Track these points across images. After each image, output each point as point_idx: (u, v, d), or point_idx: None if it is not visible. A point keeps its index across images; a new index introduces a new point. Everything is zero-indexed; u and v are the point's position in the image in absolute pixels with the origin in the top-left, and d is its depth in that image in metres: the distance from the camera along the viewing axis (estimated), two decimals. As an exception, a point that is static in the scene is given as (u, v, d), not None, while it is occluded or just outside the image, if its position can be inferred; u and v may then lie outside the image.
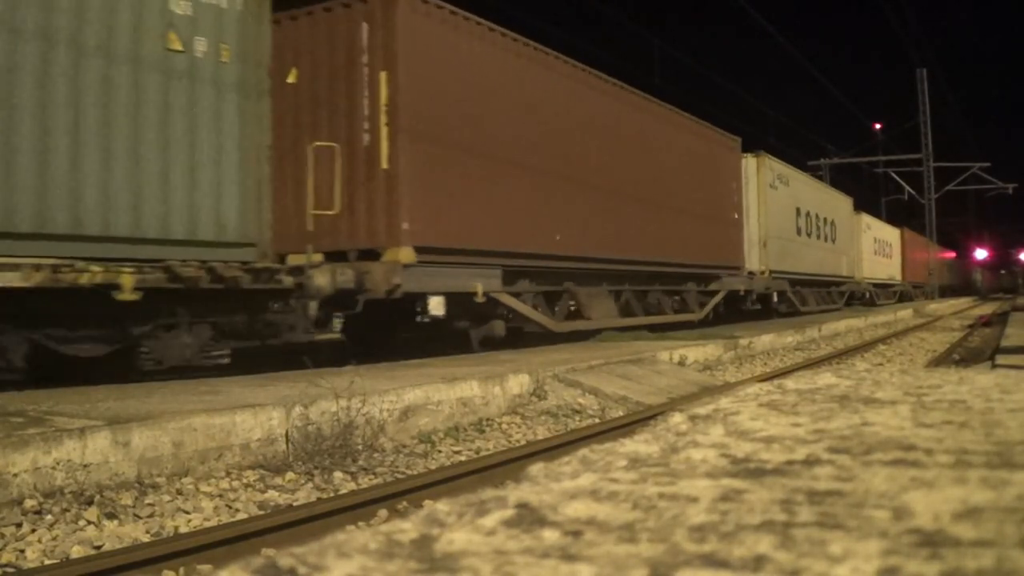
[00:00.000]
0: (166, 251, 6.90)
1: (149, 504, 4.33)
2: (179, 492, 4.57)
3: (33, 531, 3.84)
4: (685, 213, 15.15)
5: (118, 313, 6.73)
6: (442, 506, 0.82)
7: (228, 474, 4.96)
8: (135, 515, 4.17)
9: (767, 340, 14.45)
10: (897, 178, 45.70)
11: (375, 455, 5.64)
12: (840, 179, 40.05)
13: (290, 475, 5.05)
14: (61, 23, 6.34)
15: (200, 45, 7.36)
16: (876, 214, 39.34)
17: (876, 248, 34.31)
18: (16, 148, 6.04)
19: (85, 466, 4.38)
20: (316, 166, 8.46)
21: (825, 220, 24.98)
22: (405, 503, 4.52)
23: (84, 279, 6.34)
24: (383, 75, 8.80)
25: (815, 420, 1.30)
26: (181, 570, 3.49)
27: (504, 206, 10.21)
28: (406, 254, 8.78)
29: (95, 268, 6.42)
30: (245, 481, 4.90)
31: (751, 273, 18.72)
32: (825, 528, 0.71)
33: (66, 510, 4.08)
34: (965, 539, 0.67)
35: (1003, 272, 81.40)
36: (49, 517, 3.98)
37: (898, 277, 39.40)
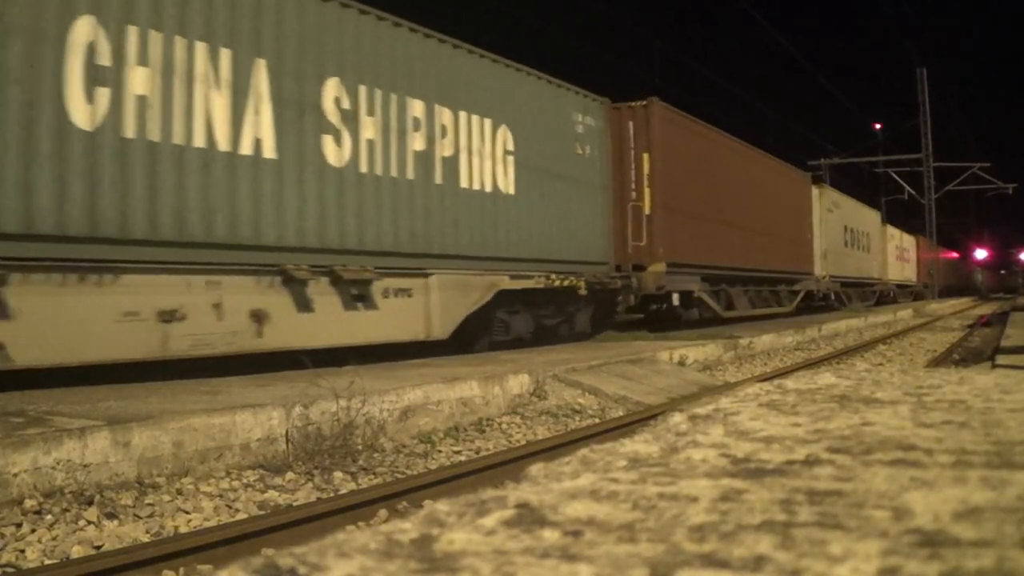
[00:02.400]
0: (577, 268, 12.31)
1: (149, 504, 4.33)
2: (179, 492, 4.57)
3: (33, 531, 3.84)
4: (781, 235, 20.84)
5: (557, 301, 12.19)
6: (442, 506, 0.81)
7: (228, 474, 4.96)
8: (135, 515, 4.17)
9: (767, 340, 14.45)
10: (897, 178, 45.64)
11: (375, 455, 5.64)
12: (840, 179, 40.03)
13: (290, 475, 5.05)
14: (552, 163, 12.07)
15: (586, 149, 12.91)
16: (876, 215, 40.04)
17: (898, 254, 39.47)
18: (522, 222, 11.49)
19: (85, 466, 4.38)
20: (632, 215, 14.02)
21: (862, 233, 30.64)
22: (405, 503, 4.52)
23: (558, 282, 11.77)
24: (645, 155, 14.20)
25: (815, 420, 1.30)
26: (181, 570, 3.48)
27: (696, 236, 15.44)
28: (662, 267, 14.04)
29: (575, 277, 12.07)
30: (245, 481, 4.90)
31: (817, 278, 24.27)
32: (825, 528, 0.71)
33: (66, 510, 4.08)
34: (965, 539, 0.67)
35: (1003, 272, 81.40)
36: (49, 517, 3.98)
37: (914, 278, 44.10)
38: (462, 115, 10.28)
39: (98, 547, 3.76)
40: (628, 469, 0.98)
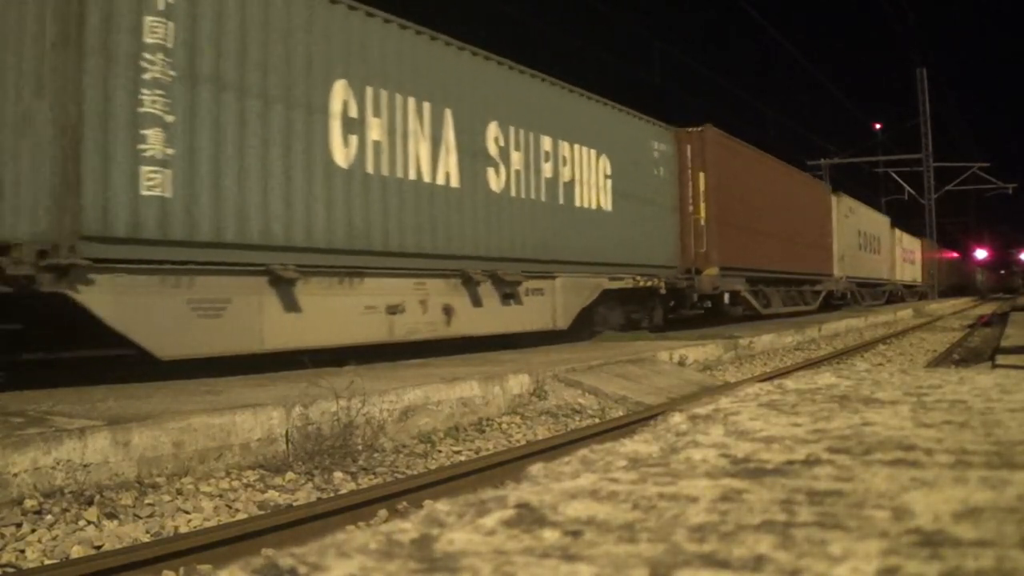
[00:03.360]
0: (656, 271, 14.54)
1: (149, 504, 4.33)
2: (179, 492, 4.57)
3: (33, 531, 3.84)
4: (807, 241, 23.12)
5: (639, 299, 14.45)
6: (442, 506, 0.81)
7: (228, 474, 4.95)
8: (135, 515, 4.17)
9: (767, 340, 14.45)
10: (897, 178, 45.68)
11: (375, 455, 5.64)
12: (840, 179, 40.04)
13: (290, 475, 5.05)
14: (637, 184, 14.38)
15: (661, 171, 15.26)
16: (877, 215, 40.30)
17: (904, 256, 41.42)
18: (612, 232, 13.54)
19: (85, 466, 4.38)
20: (693, 226, 16.14)
21: (873, 236, 32.82)
22: (405, 503, 4.51)
23: (643, 283, 13.92)
24: (701, 175, 16.19)
25: (815, 420, 1.30)
26: (181, 570, 3.48)
27: (740, 243, 17.39)
28: (715, 270, 16.09)
29: (655, 279, 14.37)
30: (245, 481, 4.90)
31: (835, 279, 26.41)
32: (825, 528, 0.71)
33: (66, 510, 4.08)
34: (965, 539, 0.67)
35: (1003, 272, 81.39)
36: (49, 517, 3.98)
37: (919, 279, 45.80)
38: (576, 147, 12.66)
39: (98, 547, 3.76)
40: (628, 469, 0.98)
